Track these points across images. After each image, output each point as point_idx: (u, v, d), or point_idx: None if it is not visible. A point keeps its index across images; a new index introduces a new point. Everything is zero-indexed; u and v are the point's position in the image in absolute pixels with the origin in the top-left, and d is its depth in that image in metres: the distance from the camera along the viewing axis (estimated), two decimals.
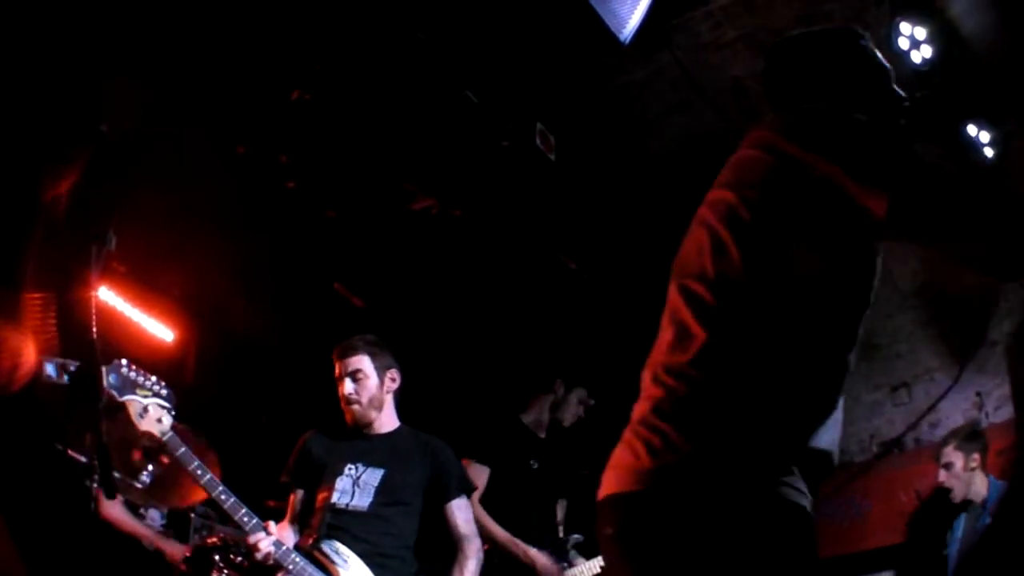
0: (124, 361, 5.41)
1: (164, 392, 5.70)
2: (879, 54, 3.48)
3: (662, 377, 3.00)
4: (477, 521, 6.95)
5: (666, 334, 3.10)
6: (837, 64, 3.41)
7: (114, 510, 7.43)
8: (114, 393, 5.37)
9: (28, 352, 3.77)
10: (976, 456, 7.79)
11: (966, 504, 7.76)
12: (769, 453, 2.83)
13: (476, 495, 7.19)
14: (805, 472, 2.88)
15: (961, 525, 7.79)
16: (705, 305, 3.01)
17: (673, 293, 3.15)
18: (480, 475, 7.49)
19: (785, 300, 2.94)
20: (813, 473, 2.91)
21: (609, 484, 2.98)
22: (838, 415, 3.02)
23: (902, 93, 3.45)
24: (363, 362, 6.47)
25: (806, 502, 2.85)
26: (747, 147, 3.17)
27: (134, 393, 5.49)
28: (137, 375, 5.49)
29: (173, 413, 5.77)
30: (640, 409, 3.03)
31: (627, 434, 3.01)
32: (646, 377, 3.09)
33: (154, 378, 5.60)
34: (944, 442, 8.04)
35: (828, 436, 2.96)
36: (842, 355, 3.03)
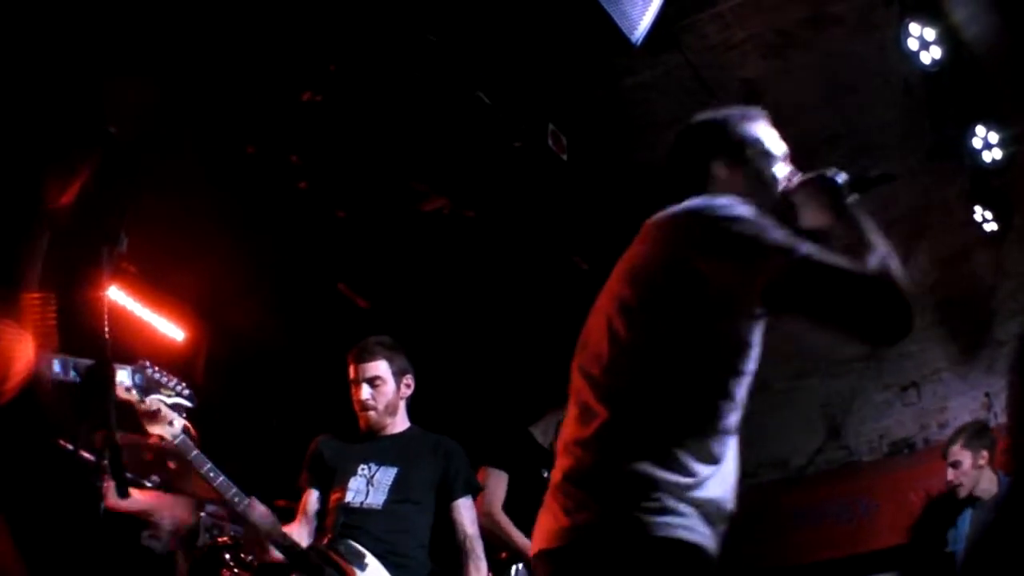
0: (147, 362, 5.35)
1: (186, 393, 5.63)
2: (768, 136, 3.60)
3: (571, 449, 3.29)
4: (502, 530, 7.02)
5: (572, 411, 3.39)
6: (720, 155, 3.55)
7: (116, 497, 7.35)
8: (137, 393, 5.31)
9: (21, 358, 3.68)
10: (984, 453, 7.70)
11: (971, 500, 7.66)
12: (662, 505, 3.06)
13: (499, 502, 7.12)
14: (706, 516, 3.13)
15: (967, 521, 7.69)
16: (601, 386, 3.27)
17: (576, 376, 3.43)
18: (500, 481, 7.39)
19: (669, 375, 3.17)
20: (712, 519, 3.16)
21: (537, 542, 3.32)
22: (728, 469, 3.26)
23: (786, 175, 3.55)
24: (381, 367, 6.34)
25: (702, 539, 3.09)
26: (637, 244, 3.35)
27: (158, 393, 5.42)
28: (160, 376, 5.44)
29: (185, 414, 5.69)
30: (555, 477, 3.32)
31: (547, 498, 3.32)
32: (559, 449, 3.40)
33: (176, 379, 5.53)
34: (951, 440, 7.92)
35: (719, 488, 3.20)
36: (723, 420, 3.24)
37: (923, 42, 8.07)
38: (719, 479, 3.19)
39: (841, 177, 3.38)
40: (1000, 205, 9.57)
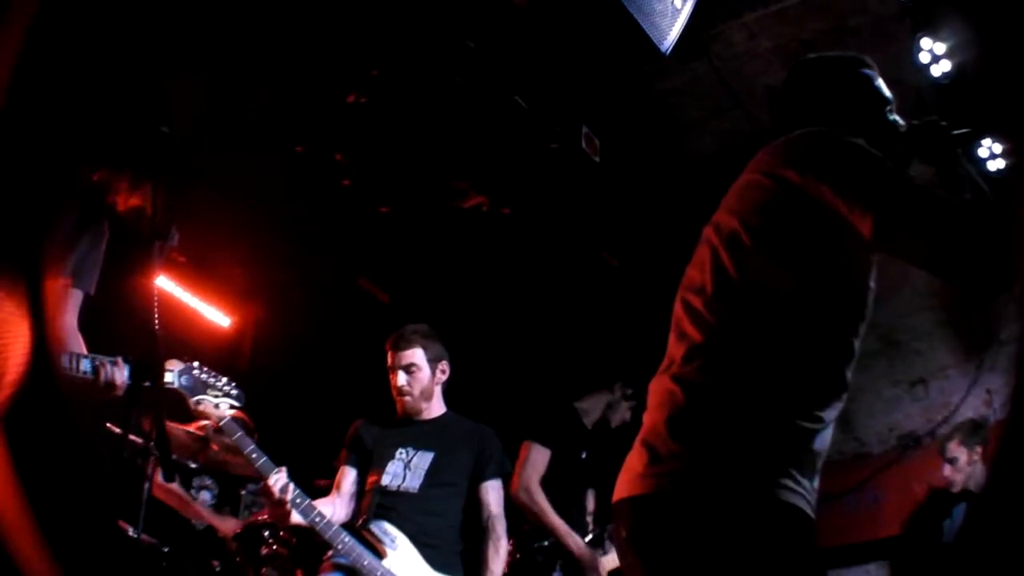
0: (196, 364, 5.23)
1: (235, 392, 5.51)
2: (882, 83, 3.48)
3: (668, 387, 3.02)
4: (538, 507, 6.94)
5: (671, 347, 3.14)
6: (838, 91, 3.43)
7: (167, 490, 7.31)
8: (185, 394, 5.19)
9: (15, 354, 3.53)
10: (979, 450, 7.63)
11: (966, 495, 7.53)
12: (764, 457, 2.84)
13: (537, 478, 7.04)
14: (808, 472, 2.91)
15: (959, 515, 7.57)
16: (704, 319, 3.03)
17: (678, 308, 3.17)
18: (542, 457, 7.29)
19: (779, 316, 2.96)
20: (813, 473, 2.96)
21: (621, 488, 3.04)
22: (832, 423, 3.04)
23: (900, 120, 3.41)
24: (416, 355, 6.31)
25: (801, 501, 2.86)
26: (749, 172, 3.16)
27: (205, 394, 5.29)
28: (208, 376, 5.32)
29: (231, 407, 5.57)
30: (649, 418, 3.06)
31: (638, 442, 3.06)
32: (653, 387, 3.12)
33: (224, 379, 5.40)
34: (948, 437, 7.87)
35: (823, 442, 3.00)
36: (837, 366, 3.03)
37: (934, 56, 8.08)
38: (827, 433, 3.01)
39: (951, 130, 3.23)
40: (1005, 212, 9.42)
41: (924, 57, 8.06)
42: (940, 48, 8.02)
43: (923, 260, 2.97)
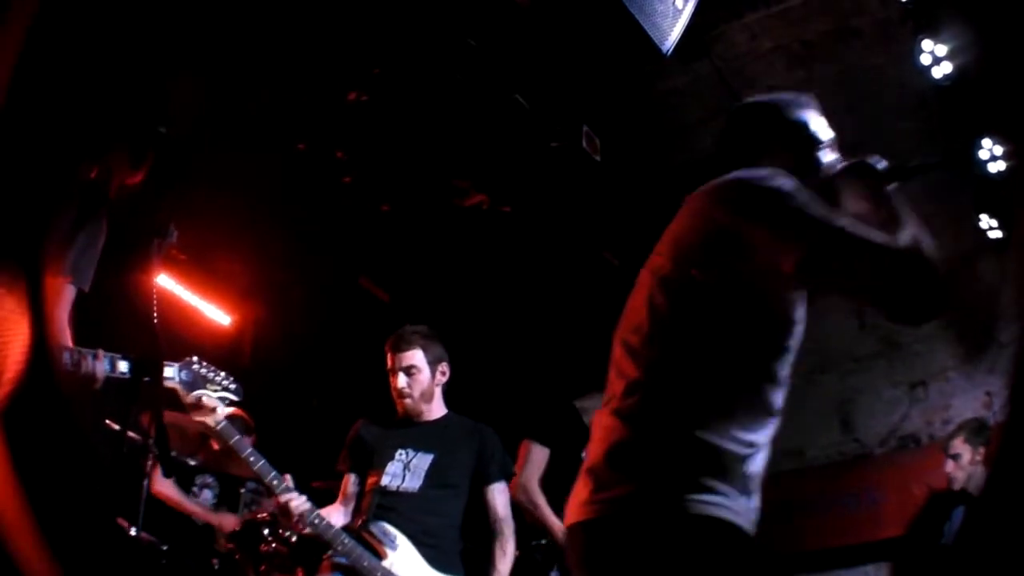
0: (195, 358, 5.22)
1: (233, 387, 5.49)
2: (818, 123, 3.55)
3: (607, 422, 3.16)
4: (535, 505, 6.84)
5: (611, 385, 3.26)
6: (772, 135, 3.50)
7: (165, 487, 7.32)
8: (183, 389, 5.17)
9: (14, 351, 3.53)
10: (982, 450, 7.60)
11: (965, 497, 7.51)
12: (691, 478, 2.93)
13: (536, 477, 7.04)
14: (743, 490, 3.00)
15: (960, 516, 7.56)
16: (641, 359, 3.14)
17: (616, 349, 3.29)
18: (541, 456, 7.28)
19: (706, 348, 3.06)
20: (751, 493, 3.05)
21: (570, 515, 3.16)
22: (766, 446, 3.11)
23: (831, 162, 3.48)
24: (416, 357, 6.26)
25: (731, 515, 2.94)
26: (681, 217, 3.26)
27: (204, 389, 5.27)
28: (208, 371, 5.30)
29: (229, 401, 5.56)
30: (592, 450, 3.19)
31: (583, 472, 3.18)
32: (595, 422, 3.25)
33: (223, 373, 5.38)
34: (953, 434, 7.85)
35: (759, 464, 3.08)
36: (762, 393, 3.11)
37: (935, 58, 8.07)
38: (759, 456, 3.07)
39: (881, 164, 3.28)
40: (1006, 214, 9.44)
41: (925, 59, 8.04)
42: (941, 50, 8.00)
43: (846, 293, 3.17)
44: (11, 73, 2.71)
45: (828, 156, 3.48)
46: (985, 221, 9.45)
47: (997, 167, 8.98)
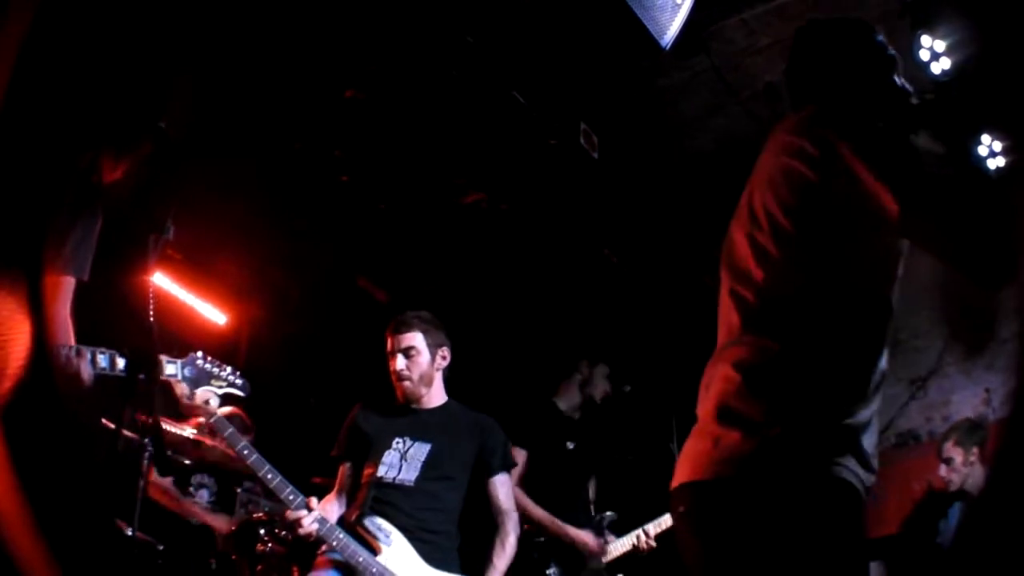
0: (199, 353, 5.24)
1: (239, 382, 5.51)
2: (890, 49, 3.50)
3: (721, 379, 3.08)
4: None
5: (723, 334, 3.19)
6: (851, 59, 3.41)
7: (161, 488, 7.31)
8: (187, 386, 5.18)
9: (17, 349, 3.53)
10: (975, 450, 7.64)
11: (962, 495, 7.53)
12: (817, 441, 2.91)
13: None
14: (859, 455, 2.96)
15: (956, 515, 7.59)
16: (754, 310, 3.10)
17: (724, 297, 3.22)
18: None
19: (821, 298, 3.01)
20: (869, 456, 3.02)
21: (682, 473, 3.09)
22: (875, 411, 3.09)
23: (908, 88, 3.43)
24: (416, 339, 6.29)
25: (854, 479, 2.93)
26: (775, 153, 3.18)
27: (209, 384, 5.29)
28: (212, 366, 5.32)
29: (234, 397, 5.59)
30: (706, 404, 3.11)
31: (696, 429, 3.13)
32: (708, 373, 3.17)
33: (229, 368, 5.40)
34: (945, 437, 7.92)
35: (874, 430, 3.09)
36: (884, 343, 3.11)
37: (933, 53, 7.96)
38: (874, 418, 3.09)
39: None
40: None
41: (924, 54, 7.94)
42: (940, 45, 7.91)
43: (937, 248, 2.99)
44: (9, 74, 2.72)
45: (904, 83, 3.42)
46: None
47: (996, 163, 8.99)
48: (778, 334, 3.00)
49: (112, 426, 4.40)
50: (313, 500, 5.75)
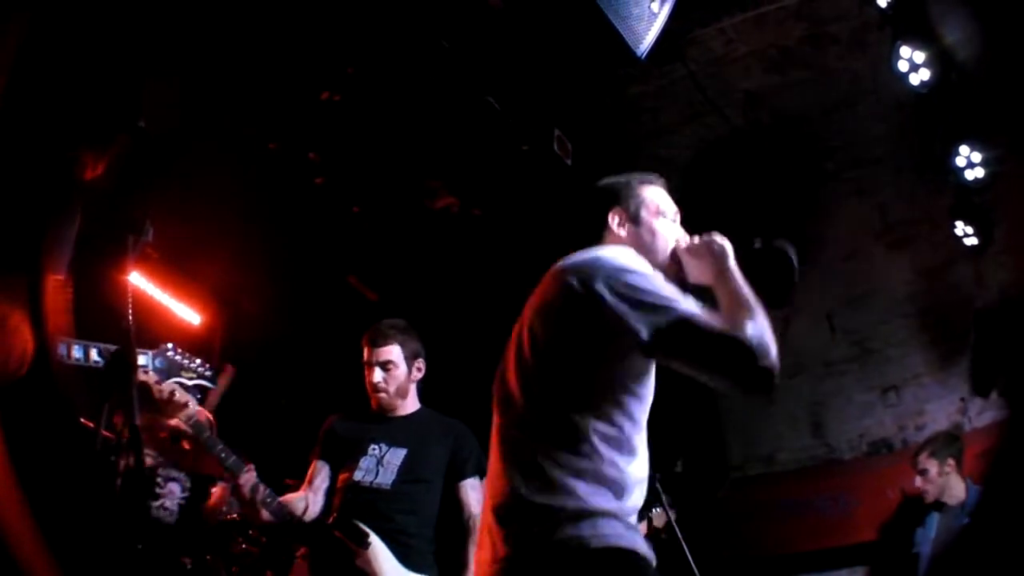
0: (170, 345, 5.33)
1: (208, 374, 5.59)
2: (664, 199, 3.86)
3: (495, 483, 3.45)
4: None
5: (493, 442, 3.60)
6: (624, 214, 3.81)
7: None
8: (158, 377, 5.27)
9: (22, 343, 3.65)
10: (951, 462, 7.66)
11: (939, 505, 7.62)
12: (589, 520, 3.18)
13: None
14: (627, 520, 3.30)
15: (934, 525, 7.67)
16: (514, 411, 3.47)
17: (494, 404, 3.64)
18: None
19: (576, 399, 3.32)
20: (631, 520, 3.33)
21: None
22: (639, 478, 3.40)
23: (674, 236, 3.77)
24: (394, 352, 6.29)
25: (631, 543, 3.22)
26: (545, 284, 3.54)
27: (179, 376, 5.38)
28: (183, 358, 5.40)
29: (204, 388, 5.67)
30: (483, 513, 3.50)
31: (481, 534, 3.48)
32: (486, 482, 3.57)
33: (199, 360, 5.49)
34: (920, 449, 7.92)
35: (636, 497, 3.38)
36: (629, 438, 3.37)
37: (912, 64, 8.13)
38: (635, 489, 3.35)
39: (725, 243, 3.56)
40: (981, 221, 9.56)
41: (903, 65, 8.11)
42: (919, 56, 8.07)
43: (685, 371, 3.27)
44: (6, 80, 2.83)
45: (672, 230, 3.76)
46: (960, 228, 9.55)
47: (974, 174, 9.10)
48: (530, 432, 3.37)
49: (90, 425, 4.47)
50: (251, 466, 5.84)
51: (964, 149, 8.99)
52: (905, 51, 8.08)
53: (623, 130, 8.87)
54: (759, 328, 3.15)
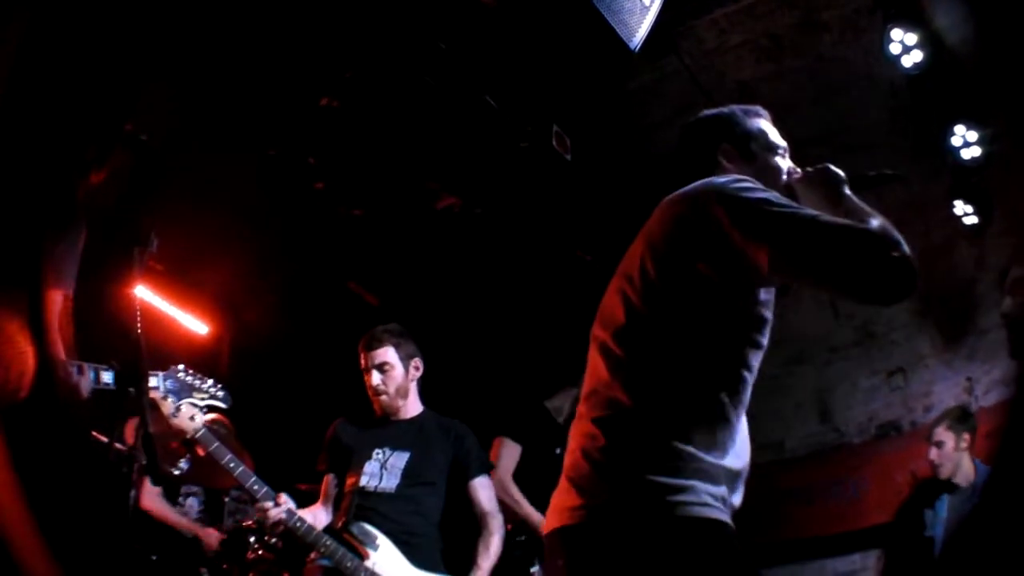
0: (181, 366, 5.32)
1: (221, 394, 5.60)
2: (774, 131, 3.71)
3: (585, 428, 3.24)
4: (512, 499, 6.95)
5: (587, 383, 3.37)
6: (733, 144, 3.62)
7: (152, 501, 7.40)
8: (169, 398, 5.28)
9: (27, 360, 3.65)
10: (967, 436, 7.63)
11: (950, 486, 7.59)
12: (680, 484, 3.02)
13: (510, 472, 7.17)
14: (720, 485, 3.11)
15: (945, 506, 7.64)
16: (617, 359, 3.24)
17: (592, 348, 3.40)
18: (513, 451, 7.42)
19: (688, 346, 3.15)
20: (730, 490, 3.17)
21: (551, 521, 3.27)
22: (743, 439, 3.27)
23: (786, 168, 3.65)
24: (388, 354, 6.41)
25: (719, 513, 3.06)
26: (656, 221, 3.36)
27: (191, 396, 5.39)
28: (194, 379, 5.40)
29: (216, 409, 5.68)
30: (570, 458, 3.28)
31: (562, 477, 3.28)
32: (574, 428, 3.34)
33: (211, 381, 5.49)
34: (936, 422, 7.88)
35: (737, 460, 3.21)
36: (740, 393, 3.23)
37: (905, 47, 8.12)
38: (735, 451, 3.19)
39: (839, 173, 3.42)
40: (980, 200, 9.55)
41: (895, 48, 8.10)
42: (911, 39, 8.06)
43: (820, 282, 3.18)
44: (3, 89, 2.83)
45: (784, 163, 3.62)
46: (960, 208, 9.55)
47: (971, 153, 9.09)
48: (633, 390, 3.15)
49: (103, 439, 4.47)
50: (283, 496, 5.86)
51: (959, 129, 8.98)
52: (897, 34, 8.07)
53: (620, 124, 8.87)
54: (885, 224, 3.00)
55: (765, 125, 3.69)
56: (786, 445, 11.16)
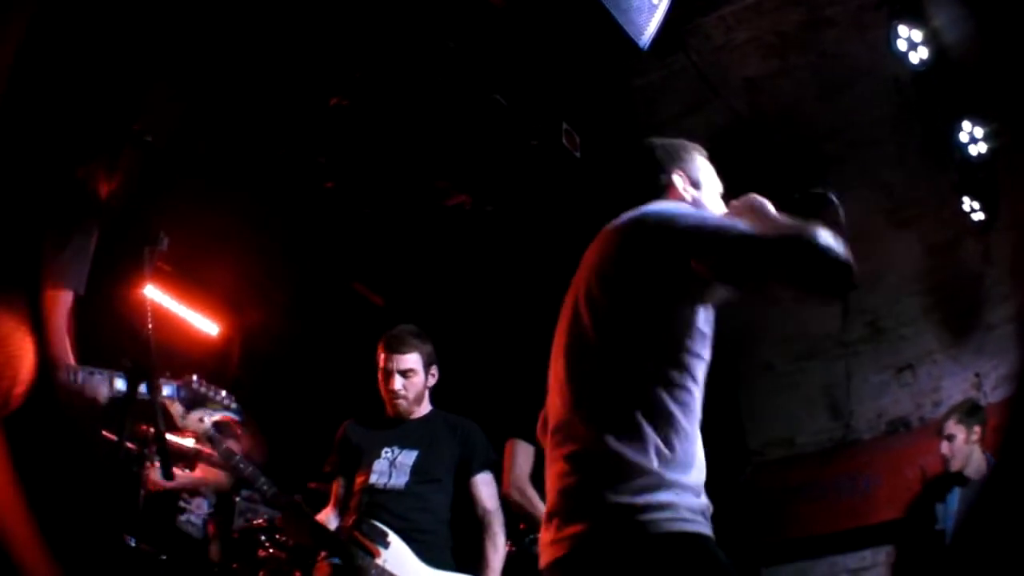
0: (195, 377, 5.30)
1: (233, 406, 5.58)
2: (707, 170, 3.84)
3: (557, 467, 3.36)
4: (529, 502, 6.92)
5: (552, 414, 3.55)
6: (686, 171, 3.77)
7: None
8: (182, 408, 5.27)
9: (24, 366, 3.63)
10: (977, 429, 7.63)
11: (961, 478, 7.57)
12: (650, 499, 3.10)
13: (527, 473, 7.15)
14: (698, 497, 3.21)
15: (955, 500, 7.63)
16: (576, 394, 3.38)
17: (552, 386, 3.60)
18: (527, 453, 7.36)
19: (635, 369, 3.25)
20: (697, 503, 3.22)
21: (544, 558, 3.29)
22: (700, 451, 3.31)
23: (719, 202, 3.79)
24: (413, 360, 6.36)
25: (699, 526, 3.15)
26: (599, 246, 3.48)
27: (204, 407, 5.37)
28: (207, 390, 5.37)
29: (217, 418, 5.67)
30: (548, 495, 3.38)
31: (544, 517, 3.35)
32: (547, 466, 3.47)
33: (224, 392, 5.47)
34: (946, 416, 7.89)
35: (698, 472, 3.26)
36: (689, 406, 3.29)
37: (911, 43, 8.13)
38: (698, 465, 3.26)
39: (765, 200, 3.46)
40: (987, 196, 9.52)
41: (902, 44, 8.10)
42: (917, 35, 8.06)
43: (760, 285, 3.26)
44: (4, 87, 2.81)
45: (719, 204, 3.74)
46: (967, 203, 9.52)
47: (978, 149, 9.08)
48: (595, 420, 3.24)
49: (114, 438, 4.46)
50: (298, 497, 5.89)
51: (966, 125, 8.98)
52: (903, 30, 8.08)
53: (629, 121, 8.85)
54: (817, 229, 3.00)
55: (707, 164, 3.84)
56: (796, 441, 11.08)
